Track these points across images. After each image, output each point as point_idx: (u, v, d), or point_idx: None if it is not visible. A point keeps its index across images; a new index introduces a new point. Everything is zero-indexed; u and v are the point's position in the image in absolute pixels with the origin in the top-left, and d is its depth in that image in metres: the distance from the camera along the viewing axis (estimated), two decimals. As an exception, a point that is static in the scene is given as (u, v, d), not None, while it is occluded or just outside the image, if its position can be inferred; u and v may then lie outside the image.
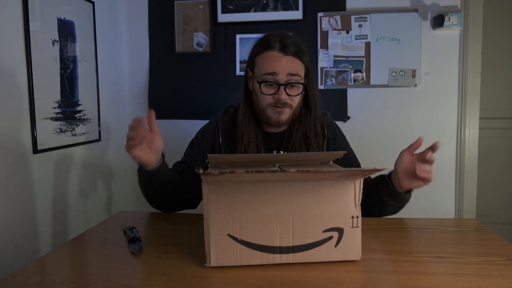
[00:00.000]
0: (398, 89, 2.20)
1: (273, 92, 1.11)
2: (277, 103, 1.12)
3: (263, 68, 1.11)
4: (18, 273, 0.77)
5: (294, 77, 1.11)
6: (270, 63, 1.10)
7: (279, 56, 1.10)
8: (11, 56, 1.48)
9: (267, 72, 1.10)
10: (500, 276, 0.73)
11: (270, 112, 1.14)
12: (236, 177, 0.70)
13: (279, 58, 1.10)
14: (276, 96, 1.11)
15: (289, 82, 1.10)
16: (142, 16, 2.34)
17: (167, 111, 2.36)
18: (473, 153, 2.18)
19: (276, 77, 1.10)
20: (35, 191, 1.60)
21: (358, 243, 0.79)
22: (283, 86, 1.10)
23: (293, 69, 1.11)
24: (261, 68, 1.12)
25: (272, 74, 1.10)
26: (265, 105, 1.14)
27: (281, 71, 1.10)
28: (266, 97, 1.12)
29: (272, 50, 1.11)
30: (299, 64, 1.13)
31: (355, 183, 0.77)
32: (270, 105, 1.13)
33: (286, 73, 1.10)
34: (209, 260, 0.77)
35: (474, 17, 2.11)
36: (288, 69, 1.10)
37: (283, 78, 1.10)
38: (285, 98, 1.11)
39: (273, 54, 1.11)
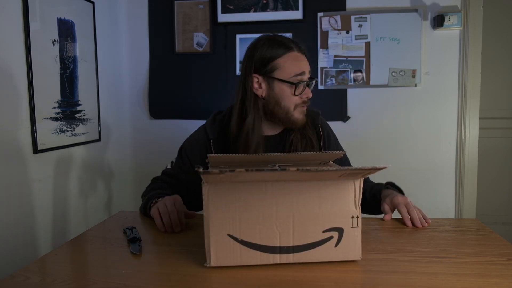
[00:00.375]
0: (398, 89, 2.20)
1: (301, 92, 1.13)
2: (305, 102, 1.14)
3: (291, 69, 1.11)
4: (18, 273, 0.77)
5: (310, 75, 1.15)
6: (298, 63, 1.12)
7: (301, 56, 1.13)
8: (11, 56, 1.48)
9: (297, 73, 1.11)
10: (500, 276, 0.73)
11: (297, 113, 1.14)
12: (236, 176, 0.70)
13: (302, 58, 1.13)
14: (304, 95, 1.13)
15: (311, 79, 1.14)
16: (142, 16, 2.34)
17: (167, 111, 2.36)
18: (473, 153, 2.18)
19: (303, 77, 1.12)
20: (35, 191, 1.60)
21: (358, 243, 0.79)
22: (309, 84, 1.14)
23: (309, 67, 1.15)
24: (289, 70, 1.11)
25: (302, 74, 1.12)
26: (293, 107, 1.13)
27: (306, 70, 1.13)
28: (296, 98, 1.12)
29: (294, 51, 1.12)
30: None
31: (355, 183, 0.77)
32: (299, 105, 1.14)
33: (308, 71, 1.14)
34: (209, 260, 0.77)
35: (474, 17, 2.11)
36: (308, 68, 1.14)
37: (307, 76, 1.14)
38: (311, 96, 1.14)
39: (296, 55, 1.12)
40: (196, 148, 1.21)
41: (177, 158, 1.26)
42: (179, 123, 2.35)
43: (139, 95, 2.39)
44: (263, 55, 1.12)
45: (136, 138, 2.41)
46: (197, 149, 1.21)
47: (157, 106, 2.37)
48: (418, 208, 1.09)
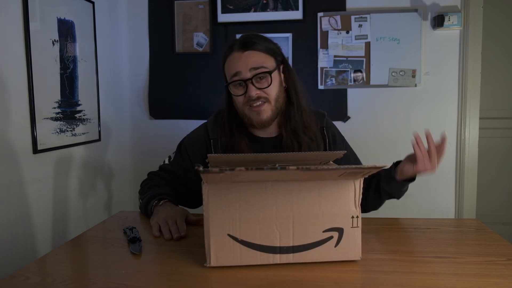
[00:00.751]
0: (398, 89, 2.20)
1: (243, 92, 1.09)
2: (250, 100, 1.08)
3: (228, 72, 1.12)
4: (18, 273, 0.77)
5: (258, 70, 1.08)
6: (232, 65, 1.10)
7: (238, 55, 1.09)
8: (11, 56, 1.48)
9: (231, 74, 1.10)
10: (500, 276, 0.73)
11: (248, 113, 1.11)
12: (236, 176, 0.70)
13: (238, 57, 1.09)
14: (246, 94, 1.09)
15: (254, 75, 1.07)
16: (142, 16, 2.34)
17: (167, 111, 2.36)
18: (473, 153, 2.18)
19: (240, 76, 1.08)
20: (35, 191, 1.60)
21: (358, 243, 0.79)
22: (250, 81, 1.07)
23: (255, 63, 1.08)
24: (227, 73, 1.12)
25: (236, 74, 1.08)
26: (241, 107, 1.12)
27: (243, 68, 1.08)
28: (239, 98, 1.10)
29: (232, 52, 1.11)
30: (261, 56, 1.10)
31: (355, 183, 0.77)
32: (246, 104, 1.10)
33: (249, 68, 1.08)
34: (209, 260, 0.77)
35: (474, 17, 2.11)
36: (250, 63, 1.07)
37: (247, 74, 1.08)
38: (256, 94, 1.08)
39: (234, 55, 1.10)
40: (196, 146, 1.21)
41: (176, 154, 1.24)
42: (179, 123, 2.35)
43: (139, 95, 2.39)
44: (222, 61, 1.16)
45: (136, 138, 2.40)
46: (197, 147, 1.20)
47: (157, 106, 2.37)
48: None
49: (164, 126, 2.37)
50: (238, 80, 1.09)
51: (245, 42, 1.10)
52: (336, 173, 0.74)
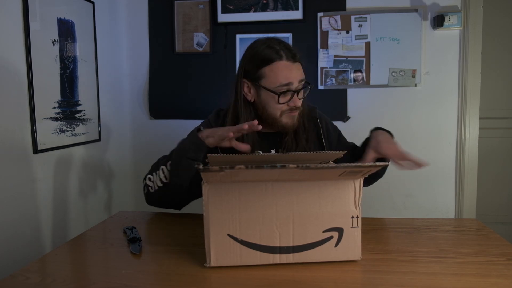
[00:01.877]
0: (398, 89, 2.20)
1: (287, 100, 1.13)
2: (292, 109, 1.14)
3: (277, 79, 1.11)
4: (18, 273, 0.77)
5: (302, 83, 1.14)
6: (284, 74, 1.11)
7: (290, 65, 1.12)
8: (11, 56, 1.48)
9: (283, 83, 1.10)
10: (500, 276, 0.73)
11: (285, 119, 1.15)
12: (236, 174, 0.70)
13: (290, 68, 1.12)
14: (291, 103, 1.13)
15: (301, 88, 1.13)
16: (142, 16, 2.34)
17: (167, 111, 2.36)
18: (473, 153, 2.18)
19: (290, 87, 1.12)
20: (35, 191, 1.60)
21: (358, 243, 0.79)
22: (297, 93, 1.12)
23: (302, 75, 1.14)
24: (274, 80, 1.11)
25: (288, 84, 1.11)
26: (279, 114, 1.14)
27: (295, 80, 1.11)
28: (281, 106, 1.13)
29: (281, 60, 1.11)
30: (302, 68, 1.16)
31: (355, 183, 0.77)
32: (285, 112, 1.14)
33: (298, 80, 1.12)
34: (209, 260, 0.77)
35: (474, 17, 2.11)
36: (299, 76, 1.13)
37: (296, 85, 1.12)
38: (300, 104, 1.14)
39: (285, 64, 1.11)
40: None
41: None
42: (179, 123, 2.35)
43: (139, 95, 2.39)
44: (253, 63, 1.14)
45: (136, 138, 2.41)
46: None
47: (157, 106, 2.37)
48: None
49: (164, 126, 2.37)
50: (288, 91, 1.11)
51: (293, 53, 1.13)
52: (336, 172, 0.73)
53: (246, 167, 0.65)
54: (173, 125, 2.36)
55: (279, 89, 1.11)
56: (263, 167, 0.66)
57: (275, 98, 1.12)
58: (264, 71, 1.12)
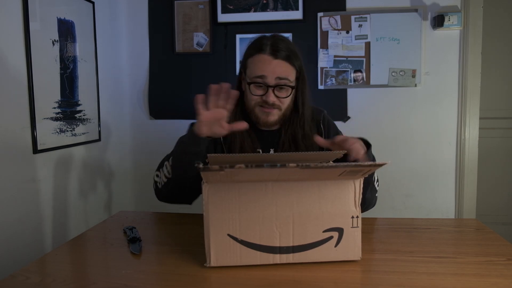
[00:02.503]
0: (398, 89, 2.20)
1: (261, 93, 1.14)
2: (265, 103, 1.14)
3: (253, 70, 1.14)
4: (18, 273, 0.77)
5: (282, 81, 1.13)
6: (260, 66, 1.13)
7: (269, 59, 1.13)
8: (11, 56, 1.48)
9: (257, 75, 1.13)
10: (500, 276, 0.73)
11: (258, 112, 1.16)
12: (236, 174, 0.70)
13: (269, 62, 1.13)
14: (264, 97, 1.14)
15: (277, 85, 1.13)
16: (142, 16, 2.34)
17: (167, 111, 2.36)
18: (473, 153, 2.18)
19: (265, 80, 1.12)
20: (35, 191, 1.60)
21: (358, 243, 0.79)
22: (272, 88, 1.13)
23: (282, 73, 1.13)
24: (251, 71, 1.15)
25: (261, 77, 1.12)
26: (253, 104, 1.16)
27: (269, 75, 1.12)
28: (255, 97, 1.15)
29: (263, 53, 1.13)
30: (288, 67, 1.14)
31: (355, 183, 0.77)
32: (258, 103, 1.15)
33: (275, 77, 1.12)
34: (209, 260, 0.77)
35: (474, 17, 2.11)
36: (277, 73, 1.12)
37: (271, 81, 1.12)
38: (273, 101, 1.13)
39: (264, 58, 1.13)
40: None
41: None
42: (179, 123, 2.35)
43: (139, 95, 2.39)
44: (245, 52, 1.19)
45: (136, 138, 2.41)
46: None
47: (157, 106, 2.37)
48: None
49: (164, 126, 2.37)
50: (260, 83, 1.13)
51: (279, 49, 1.13)
52: (336, 172, 0.73)
53: (246, 166, 0.65)
54: (173, 125, 2.36)
55: (253, 80, 1.14)
56: (263, 166, 0.66)
57: (248, 87, 1.15)
58: (247, 62, 1.17)
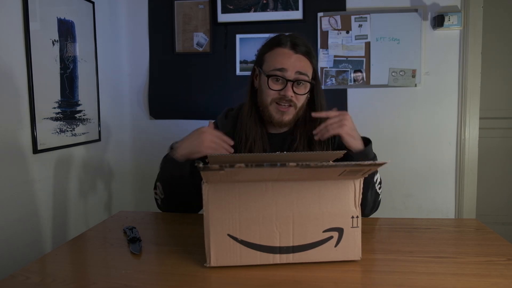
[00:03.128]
0: (398, 89, 2.20)
1: (280, 88, 1.10)
2: (282, 99, 1.11)
3: (272, 64, 1.11)
4: (18, 273, 0.77)
5: (302, 76, 1.11)
6: (280, 59, 1.10)
7: (289, 53, 1.11)
8: (11, 56, 1.48)
9: (276, 67, 1.10)
10: (500, 276, 0.73)
11: (273, 110, 1.13)
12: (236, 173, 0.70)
13: (289, 55, 1.10)
14: (282, 92, 1.10)
15: (297, 79, 1.10)
16: (142, 16, 2.34)
17: (167, 111, 2.36)
18: (473, 153, 2.18)
19: (284, 73, 1.09)
20: (35, 191, 1.60)
21: (358, 243, 0.79)
22: (291, 83, 1.09)
23: (302, 68, 1.11)
24: (270, 64, 1.12)
25: (281, 70, 1.09)
26: (269, 101, 1.12)
27: (290, 68, 1.09)
28: (272, 92, 1.11)
29: (282, 47, 1.11)
30: (308, 64, 1.13)
31: (355, 183, 0.77)
32: (275, 100, 1.12)
33: (295, 71, 1.10)
34: (209, 260, 0.77)
35: (474, 17, 2.11)
36: (297, 67, 1.10)
37: (291, 75, 1.09)
38: (291, 96, 1.10)
39: (283, 51, 1.11)
40: None
41: None
42: (179, 123, 2.35)
43: (139, 95, 2.39)
44: (261, 49, 1.17)
45: (136, 138, 2.41)
46: None
47: (157, 106, 2.37)
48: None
49: (164, 126, 2.37)
50: (280, 76, 1.10)
51: (298, 44, 1.12)
52: (336, 171, 0.73)
53: (246, 165, 0.65)
54: (173, 125, 2.36)
55: (271, 73, 1.10)
56: (263, 165, 0.66)
57: (266, 81, 1.11)
58: (265, 57, 1.14)
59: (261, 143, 1.16)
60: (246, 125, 1.17)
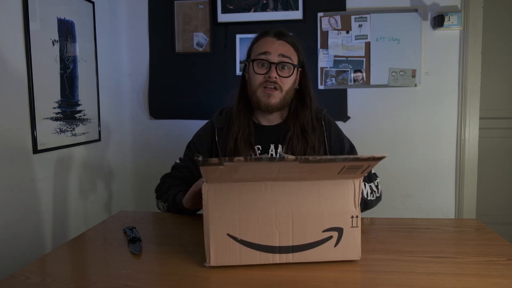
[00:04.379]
0: (398, 89, 2.20)
1: (265, 72, 1.16)
2: (268, 81, 1.15)
3: (257, 50, 1.18)
4: (18, 273, 0.77)
5: (285, 59, 1.16)
6: (264, 45, 1.17)
7: (272, 40, 1.18)
8: (11, 56, 1.48)
9: (260, 52, 1.16)
10: (500, 276, 0.73)
11: (260, 94, 1.17)
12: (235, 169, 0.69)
13: (272, 41, 1.17)
14: (267, 74, 1.15)
15: (280, 61, 1.15)
16: (142, 16, 2.34)
17: (167, 111, 2.36)
18: (473, 153, 2.18)
19: (268, 56, 1.15)
20: (35, 191, 1.60)
21: (358, 243, 0.79)
22: (274, 65, 1.15)
23: (285, 52, 1.16)
24: (255, 51, 1.19)
25: (265, 53, 1.15)
26: (257, 85, 1.17)
27: (273, 51, 1.15)
28: (258, 77, 1.17)
29: (267, 36, 1.19)
30: (291, 49, 1.19)
31: (355, 182, 0.77)
32: (262, 84, 1.17)
33: (278, 54, 1.15)
34: (208, 260, 0.77)
35: (474, 17, 2.11)
36: (280, 50, 1.16)
37: (274, 58, 1.15)
38: (275, 77, 1.15)
39: (268, 39, 1.19)
40: (203, 139, 1.27)
41: (186, 150, 1.30)
42: (179, 123, 2.35)
43: (139, 95, 2.39)
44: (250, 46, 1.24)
45: (136, 138, 2.41)
46: (204, 140, 1.26)
47: (157, 106, 2.37)
48: None
49: (164, 126, 2.37)
50: (264, 60, 1.16)
51: (281, 33, 1.19)
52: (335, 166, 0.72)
53: (245, 159, 0.65)
54: (173, 125, 2.36)
55: (256, 57, 1.17)
56: (261, 159, 0.66)
57: (252, 67, 1.17)
58: (253, 48, 1.21)
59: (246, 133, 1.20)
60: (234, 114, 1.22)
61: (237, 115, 1.22)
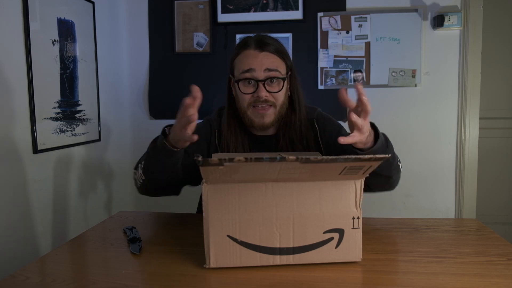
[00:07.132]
0: (398, 89, 2.20)
1: (252, 91, 1.06)
2: (257, 101, 1.06)
3: (240, 67, 1.07)
4: (18, 273, 0.77)
5: (272, 72, 1.06)
6: (247, 60, 1.06)
7: (255, 53, 1.07)
8: (11, 56, 1.47)
9: (244, 69, 1.06)
10: (500, 276, 0.73)
11: (252, 114, 1.08)
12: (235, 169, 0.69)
13: (255, 55, 1.06)
14: (255, 94, 1.06)
15: (268, 77, 1.05)
16: (142, 16, 2.34)
17: (167, 111, 2.36)
18: (473, 153, 2.18)
19: (253, 74, 1.05)
20: (35, 191, 1.60)
21: (359, 244, 0.79)
22: (262, 82, 1.05)
23: (271, 64, 1.06)
24: (238, 68, 1.08)
25: (249, 71, 1.05)
26: (246, 106, 1.08)
27: (258, 67, 1.05)
28: (246, 97, 1.07)
29: (248, 49, 1.08)
30: (277, 60, 1.08)
31: (356, 183, 0.77)
32: (251, 104, 1.07)
33: (264, 69, 1.05)
34: (208, 261, 0.76)
35: (474, 17, 2.11)
36: (265, 64, 1.05)
37: (260, 74, 1.05)
38: (265, 96, 1.05)
39: (249, 52, 1.07)
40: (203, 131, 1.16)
41: None
42: (179, 123, 2.35)
43: (139, 95, 2.39)
44: (231, 57, 1.13)
45: (136, 138, 2.40)
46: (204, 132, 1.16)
47: (157, 106, 2.37)
48: None
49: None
50: (249, 78, 1.06)
51: (263, 42, 1.07)
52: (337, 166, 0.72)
53: (245, 159, 0.65)
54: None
55: (241, 76, 1.07)
56: (262, 159, 0.66)
57: (237, 87, 1.07)
58: (234, 62, 1.10)
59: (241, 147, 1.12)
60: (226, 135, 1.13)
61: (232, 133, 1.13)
